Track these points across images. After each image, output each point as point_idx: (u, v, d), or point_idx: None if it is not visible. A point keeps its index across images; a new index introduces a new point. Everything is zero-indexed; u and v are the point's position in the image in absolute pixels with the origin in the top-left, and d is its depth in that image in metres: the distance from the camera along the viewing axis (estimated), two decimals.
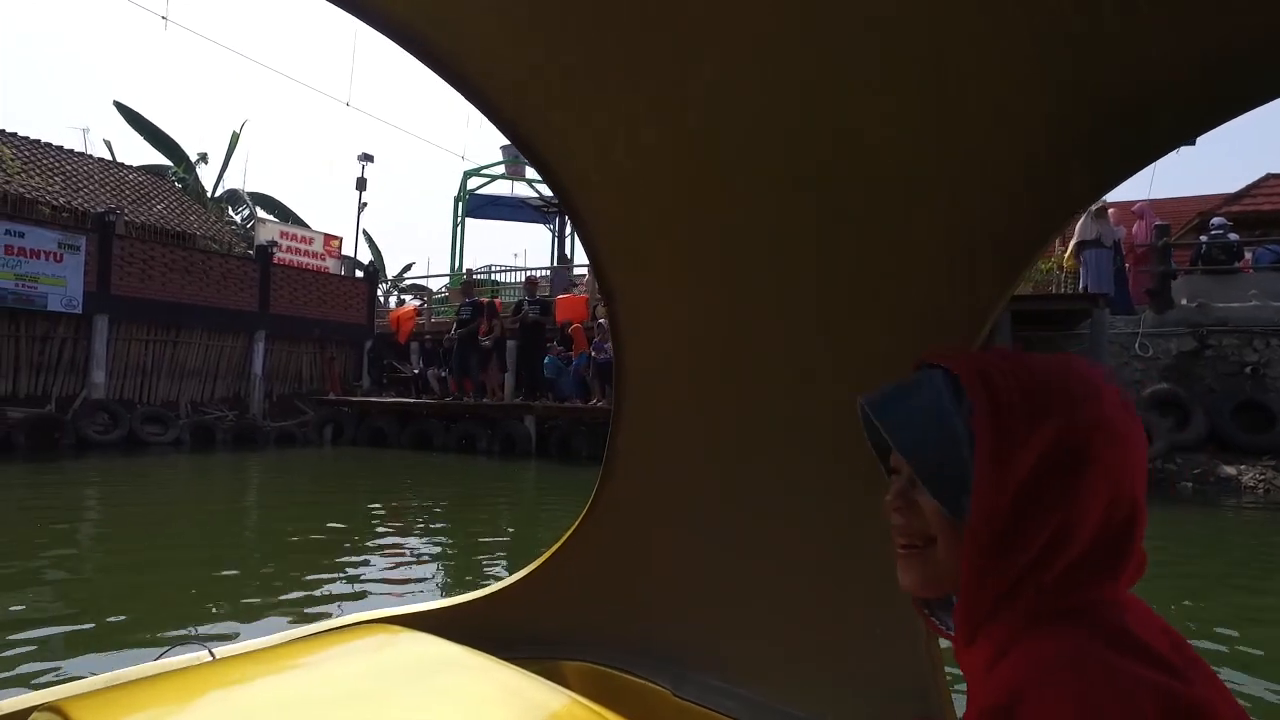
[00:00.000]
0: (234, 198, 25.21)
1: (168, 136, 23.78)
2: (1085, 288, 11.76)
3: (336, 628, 1.24)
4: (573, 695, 0.96)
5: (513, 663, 1.05)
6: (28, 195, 15.05)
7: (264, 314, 16.25)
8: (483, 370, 14.66)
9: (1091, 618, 0.54)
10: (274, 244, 17.09)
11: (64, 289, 13.20)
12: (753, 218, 1.13)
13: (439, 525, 8.08)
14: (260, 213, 23.72)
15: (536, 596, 1.49)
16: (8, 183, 15.12)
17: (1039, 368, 0.59)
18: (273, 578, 5.41)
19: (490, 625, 1.38)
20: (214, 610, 4.50)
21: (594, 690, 1.18)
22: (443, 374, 15.40)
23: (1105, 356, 10.76)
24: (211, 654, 1.10)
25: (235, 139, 25.62)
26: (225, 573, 5.45)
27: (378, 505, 9.01)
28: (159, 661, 1.10)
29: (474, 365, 14.47)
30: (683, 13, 0.89)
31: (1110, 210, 11.95)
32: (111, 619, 4.25)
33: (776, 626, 1.34)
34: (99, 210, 14.40)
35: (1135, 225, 13.17)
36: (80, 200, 15.94)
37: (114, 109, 23.57)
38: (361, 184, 24.08)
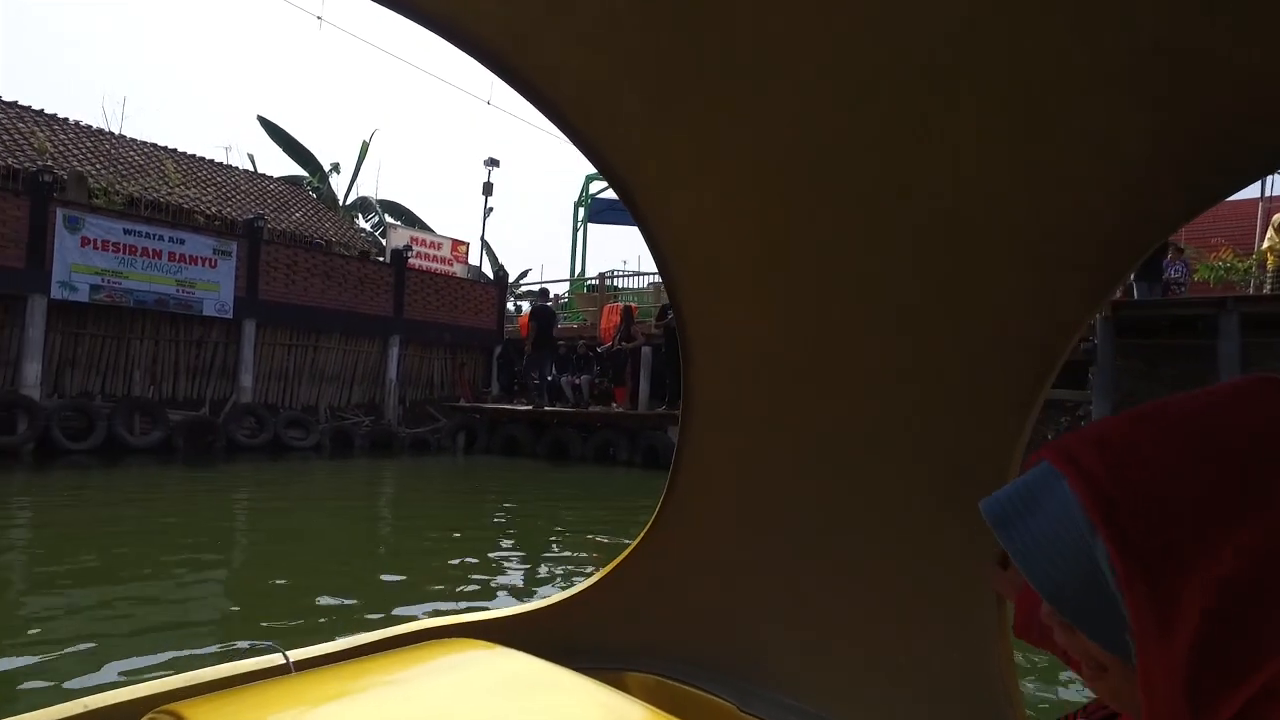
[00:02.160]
0: (364, 205, 26.25)
1: (304, 148, 25.04)
2: None
3: (405, 634, 1.26)
4: (664, 715, 0.98)
5: (580, 674, 1.06)
6: (185, 205, 15.95)
7: (398, 319, 16.55)
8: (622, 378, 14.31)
9: None
10: (408, 249, 17.41)
11: (217, 294, 13.80)
12: (825, 231, 1.13)
13: (563, 537, 7.80)
14: (388, 219, 24.53)
15: (602, 607, 1.48)
16: (170, 194, 16.09)
17: (1176, 451, 0.47)
18: (369, 581, 5.59)
19: (555, 635, 1.38)
20: (312, 607, 4.79)
21: (659, 703, 1.16)
22: (576, 381, 15.12)
23: None
24: (285, 656, 1.11)
25: (365, 148, 26.74)
26: (329, 574, 5.68)
27: (501, 516, 8.83)
28: (237, 663, 1.10)
29: (628, 374, 14.27)
30: (760, 24, 0.89)
31: None
32: (208, 617, 4.48)
33: (845, 642, 1.33)
34: (246, 218, 15.01)
35: None
36: (229, 210, 16.79)
37: (257, 123, 25.04)
38: (488, 189, 24.50)
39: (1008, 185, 0.97)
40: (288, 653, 1.13)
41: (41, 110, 16.89)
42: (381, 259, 17.48)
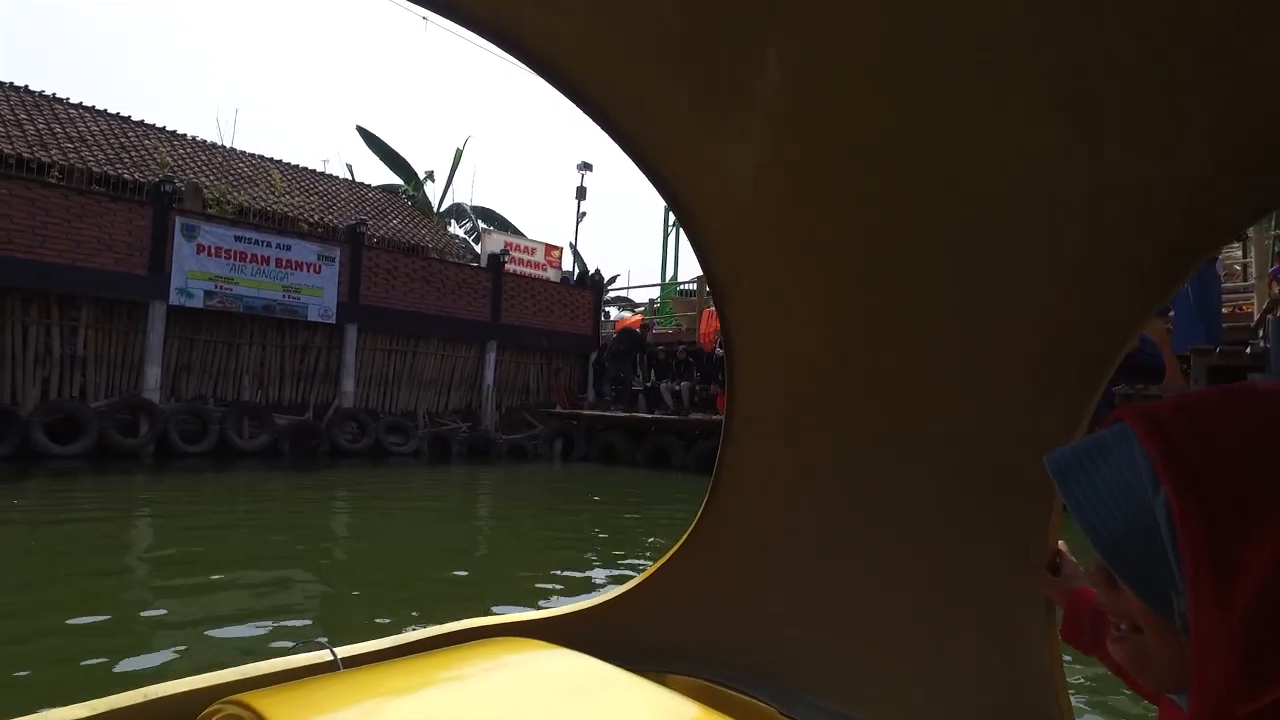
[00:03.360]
0: (458, 211, 26.75)
1: (400, 156, 25.71)
2: None
3: (451, 633, 1.28)
4: (717, 715, 0.99)
5: (634, 675, 1.07)
6: (290, 213, 16.48)
7: (495, 324, 16.58)
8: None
9: None
10: (505, 254, 17.46)
11: (321, 299, 14.10)
12: (871, 236, 1.14)
13: (655, 547, 7.43)
14: (482, 225, 24.86)
15: (644, 609, 1.49)
16: (276, 203, 16.66)
17: (1261, 421, 0.48)
18: (452, 581, 5.69)
19: (598, 635, 1.38)
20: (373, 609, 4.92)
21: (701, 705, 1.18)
22: (676, 387, 14.72)
23: None
24: (333, 653, 1.13)
25: (459, 155, 27.26)
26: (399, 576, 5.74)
27: (600, 529, 8.56)
28: (286, 659, 1.10)
29: None
30: (805, 24, 0.90)
31: None
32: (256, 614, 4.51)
33: (889, 648, 1.34)
34: (348, 224, 15.34)
35: None
36: (331, 217, 17.26)
37: (356, 134, 25.88)
38: (581, 193, 24.50)
39: (1059, 187, 0.96)
40: (335, 649, 1.14)
41: (164, 127, 17.84)
42: (476, 264, 17.58)
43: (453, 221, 26.21)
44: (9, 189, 11.24)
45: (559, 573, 6.16)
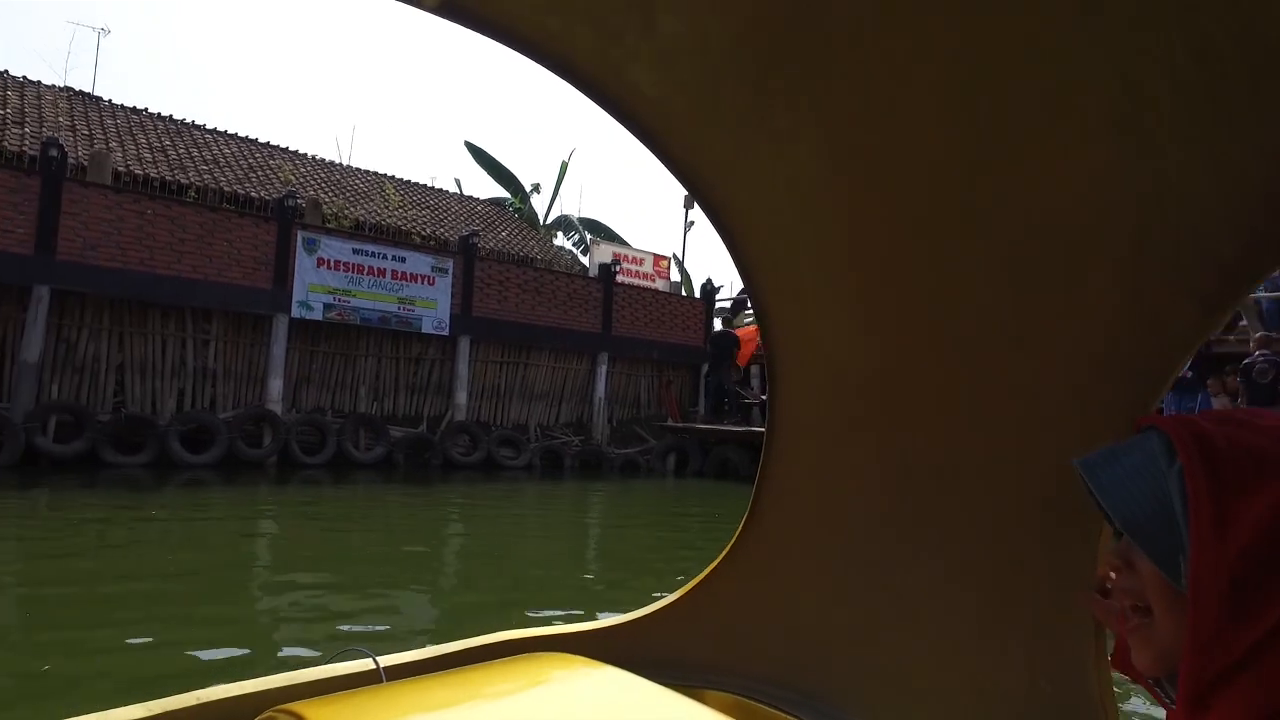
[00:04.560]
0: (564, 223, 26.97)
1: (507, 170, 26.17)
2: None
3: (492, 644, 1.28)
4: None
5: (680, 693, 1.08)
6: (403, 227, 16.88)
7: (606, 335, 16.37)
8: None
9: None
10: (617, 264, 17.28)
11: (434, 311, 14.25)
12: (921, 254, 1.13)
13: None
14: (589, 236, 24.93)
15: (682, 623, 1.49)
16: (390, 216, 17.11)
17: (1270, 425, 0.55)
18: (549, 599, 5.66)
19: (638, 649, 1.39)
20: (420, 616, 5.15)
21: None
22: None
23: None
24: (375, 662, 1.13)
25: (564, 168, 27.56)
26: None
27: (698, 547, 8.12)
28: (330, 666, 1.11)
29: None
30: (849, 39, 0.90)
31: None
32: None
33: (932, 668, 1.33)
34: (460, 236, 15.50)
35: None
36: (442, 231, 17.58)
37: (464, 148, 26.55)
38: (689, 202, 24.18)
39: (1115, 205, 0.95)
40: (378, 658, 1.14)
41: (287, 147, 18.72)
42: (584, 274, 17.47)
43: (559, 233, 26.43)
44: (152, 208, 11.87)
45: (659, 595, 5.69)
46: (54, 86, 16.22)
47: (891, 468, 1.34)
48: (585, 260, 21.73)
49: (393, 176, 19.99)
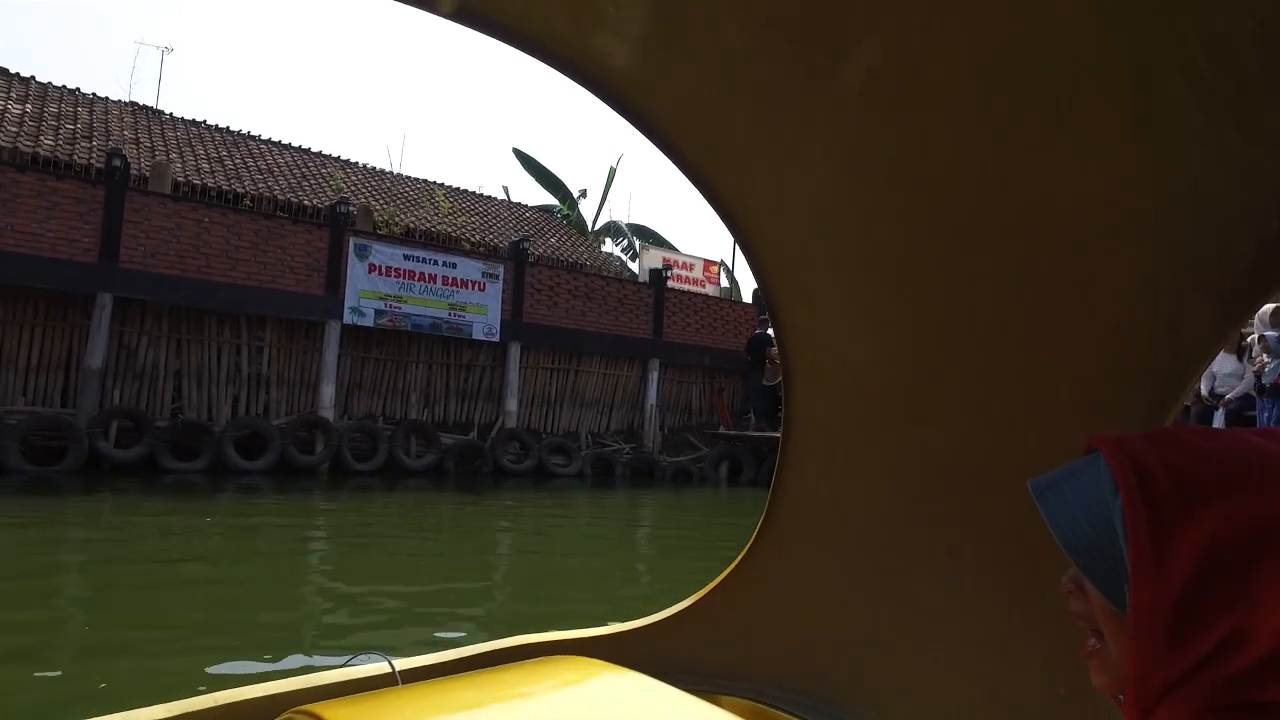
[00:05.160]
0: (613, 229, 26.88)
1: (555, 176, 26.19)
2: None
3: (508, 648, 1.28)
4: None
5: (696, 697, 1.09)
6: (453, 233, 16.94)
7: (657, 341, 16.16)
8: None
9: (1274, 715, 0.52)
10: (667, 269, 17.08)
11: (485, 317, 14.22)
12: (937, 257, 1.13)
13: None
14: (638, 242, 24.79)
15: (697, 628, 1.49)
16: (441, 222, 17.21)
17: (1214, 449, 0.55)
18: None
19: (653, 653, 1.39)
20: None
21: None
22: None
23: None
24: (391, 665, 1.12)
25: (612, 173, 27.51)
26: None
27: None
28: (345, 670, 1.12)
29: None
30: (870, 58, 0.90)
31: None
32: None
33: (948, 674, 1.33)
34: (510, 241, 15.48)
35: None
36: (491, 237, 17.60)
37: (512, 155, 26.72)
38: None
39: (1131, 204, 0.95)
40: (394, 661, 1.14)
41: (338, 156, 19.01)
42: (636, 280, 17.31)
43: (607, 239, 26.34)
44: (209, 216, 12.08)
45: None
46: (120, 101, 16.73)
47: (907, 472, 1.34)
48: (634, 266, 21.56)
49: (442, 183, 20.13)
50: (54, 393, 11.30)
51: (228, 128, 17.71)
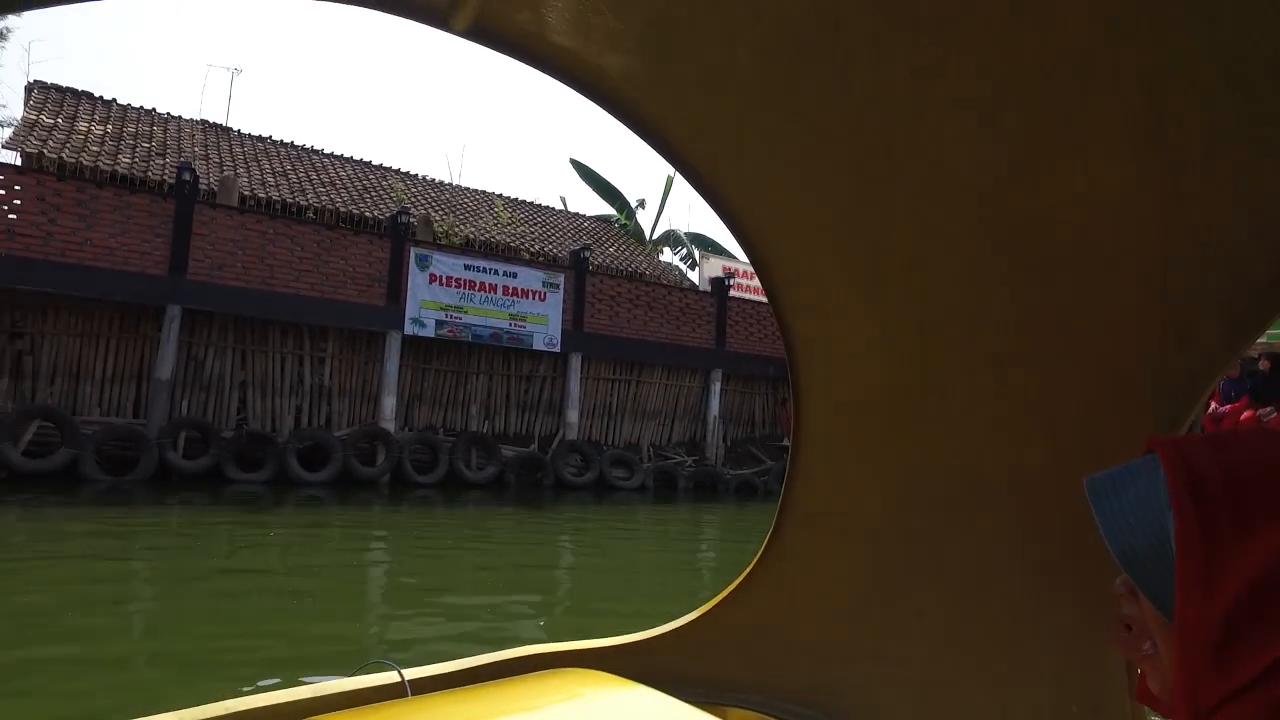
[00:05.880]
0: (671, 238, 26.64)
1: (612, 186, 26.09)
2: None
3: (517, 658, 1.28)
4: None
5: (702, 710, 1.09)
6: (512, 244, 16.93)
7: (720, 351, 15.81)
8: None
9: None
10: (729, 278, 16.74)
11: (545, 327, 14.08)
12: (946, 271, 1.14)
13: None
14: (698, 251, 24.51)
15: (705, 639, 1.49)
16: (500, 233, 17.22)
17: (1276, 459, 0.53)
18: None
19: (662, 665, 1.40)
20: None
21: None
22: None
23: None
24: (400, 675, 1.12)
25: (670, 182, 27.24)
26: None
27: None
28: (355, 679, 1.12)
29: None
30: (879, 72, 0.91)
31: None
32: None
33: (957, 687, 1.33)
34: (570, 250, 15.35)
35: None
36: (550, 247, 17.53)
37: (570, 165, 26.73)
38: None
39: (1141, 218, 0.96)
40: (403, 671, 1.13)
41: (399, 169, 19.25)
42: (698, 289, 17.00)
43: (665, 249, 26.12)
44: (273, 228, 12.24)
45: None
46: (191, 120, 17.24)
47: (916, 482, 1.34)
48: (693, 275, 21.26)
49: (501, 194, 20.21)
50: (127, 403, 11.55)
51: (292, 142, 18.09)
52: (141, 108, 16.45)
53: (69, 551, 6.71)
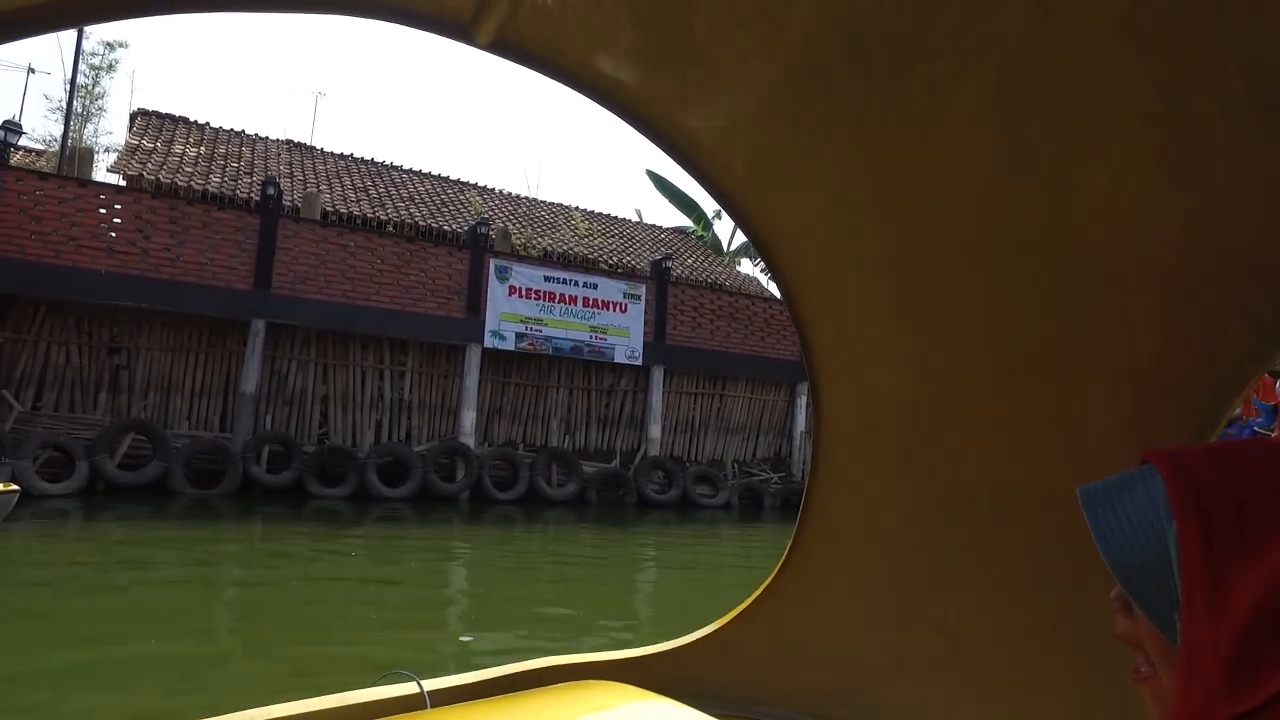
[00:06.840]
0: (749, 249, 26.07)
1: (689, 197, 25.77)
2: None
3: (536, 670, 1.29)
4: None
5: None
6: (590, 255, 16.71)
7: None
8: None
9: None
10: None
11: (627, 339, 13.73)
12: (969, 281, 1.15)
13: None
14: None
15: (725, 651, 1.50)
16: (578, 244, 17.04)
17: (1277, 471, 0.51)
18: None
19: (681, 677, 1.41)
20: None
21: None
22: None
23: None
24: (419, 685, 1.12)
25: None
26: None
27: None
28: (374, 690, 1.12)
29: None
30: (899, 83, 0.93)
31: None
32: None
33: (978, 701, 1.34)
34: (651, 260, 14.99)
35: None
36: (628, 258, 17.24)
37: (646, 177, 26.52)
38: None
39: (1164, 225, 0.95)
40: (422, 682, 1.13)
41: (476, 183, 19.35)
42: (778, 299, 16.42)
43: (744, 259, 25.60)
44: (354, 240, 12.29)
45: None
46: (277, 140, 17.71)
47: (937, 495, 1.33)
48: (773, 287, 20.65)
49: (578, 207, 20.10)
50: (214, 417, 11.70)
51: (372, 159, 18.37)
52: (231, 130, 16.95)
53: (164, 559, 6.68)
